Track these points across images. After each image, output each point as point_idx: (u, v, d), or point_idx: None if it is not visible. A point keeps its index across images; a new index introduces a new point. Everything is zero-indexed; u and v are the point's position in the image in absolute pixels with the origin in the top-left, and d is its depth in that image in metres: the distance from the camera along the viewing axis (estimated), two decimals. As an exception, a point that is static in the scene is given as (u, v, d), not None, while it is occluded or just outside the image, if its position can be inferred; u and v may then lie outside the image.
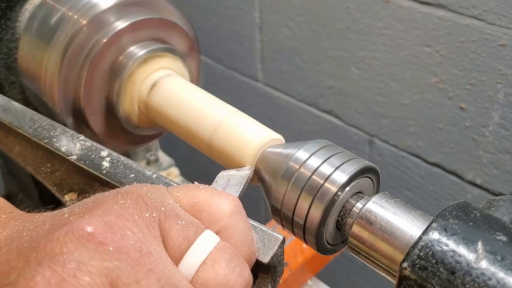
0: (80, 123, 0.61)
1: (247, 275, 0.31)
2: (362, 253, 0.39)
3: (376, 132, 1.04)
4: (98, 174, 0.43)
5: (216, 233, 0.32)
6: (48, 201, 0.43)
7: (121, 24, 0.58)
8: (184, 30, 0.65)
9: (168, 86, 0.58)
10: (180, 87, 0.57)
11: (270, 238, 0.36)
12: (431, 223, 0.35)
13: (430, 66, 0.88)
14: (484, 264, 0.31)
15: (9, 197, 0.39)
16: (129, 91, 0.59)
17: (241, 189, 0.42)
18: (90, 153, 0.44)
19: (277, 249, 0.36)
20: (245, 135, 0.49)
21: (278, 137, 0.49)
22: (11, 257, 0.28)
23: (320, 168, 0.42)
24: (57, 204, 0.42)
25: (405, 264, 0.34)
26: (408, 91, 0.94)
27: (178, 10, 0.65)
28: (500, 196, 0.42)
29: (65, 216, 0.30)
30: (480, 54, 0.81)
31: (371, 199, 0.39)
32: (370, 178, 0.44)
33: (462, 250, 0.32)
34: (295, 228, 0.43)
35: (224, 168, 0.50)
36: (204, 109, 0.52)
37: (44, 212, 0.33)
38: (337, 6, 0.98)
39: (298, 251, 0.77)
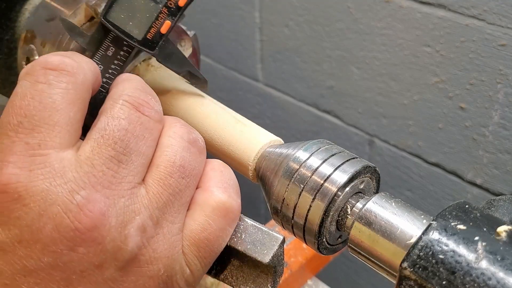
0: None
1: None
2: (362, 253, 0.39)
3: (376, 132, 1.04)
4: None
5: None
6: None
7: (121, 24, 0.58)
8: (183, 30, 0.64)
9: (167, 85, 0.58)
10: (179, 86, 0.57)
11: (270, 238, 0.36)
12: (431, 223, 0.35)
13: (430, 66, 0.88)
14: (484, 264, 0.31)
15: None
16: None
17: None
18: None
19: (277, 249, 0.36)
20: (247, 135, 0.49)
21: (278, 139, 0.49)
22: None
23: (320, 168, 0.42)
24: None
25: (405, 264, 0.34)
26: (408, 91, 0.94)
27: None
28: (500, 196, 0.42)
29: None
30: (480, 54, 0.81)
31: (371, 199, 0.39)
32: (370, 178, 0.44)
33: (462, 250, 0.32)
34: (295, 228, 0.43)
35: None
36: (204, 108, 0.52)
37: None
38: (337, 6, 0.98)
39: (298, 251, 0.77)
